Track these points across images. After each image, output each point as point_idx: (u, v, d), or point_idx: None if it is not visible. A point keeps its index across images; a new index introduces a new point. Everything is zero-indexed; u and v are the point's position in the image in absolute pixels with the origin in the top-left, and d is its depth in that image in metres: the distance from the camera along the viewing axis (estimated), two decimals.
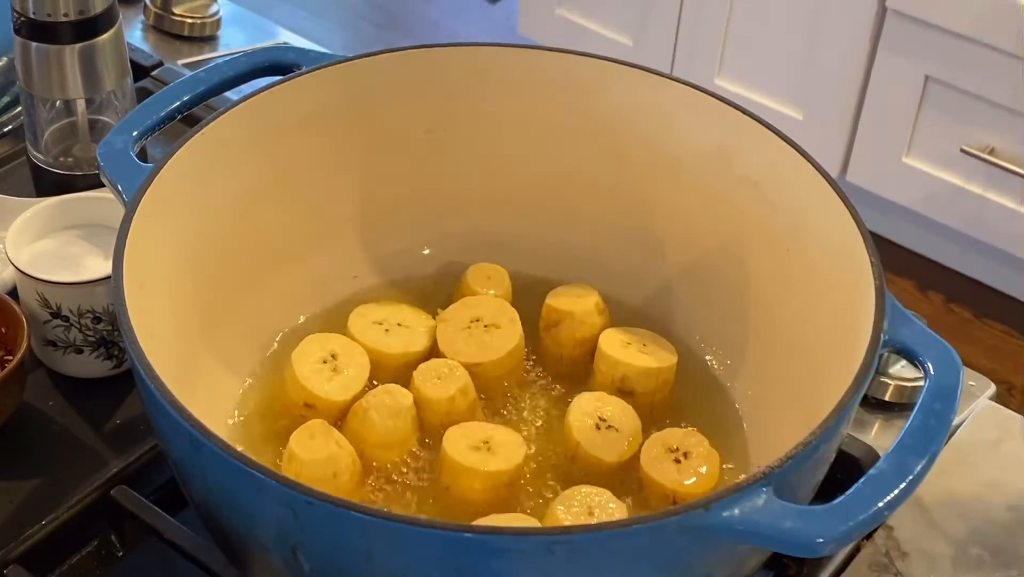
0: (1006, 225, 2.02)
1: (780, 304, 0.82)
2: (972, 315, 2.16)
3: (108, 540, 0.81)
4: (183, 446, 0.65)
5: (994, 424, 0.90)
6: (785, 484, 0.62)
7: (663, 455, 0.77)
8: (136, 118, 0.80)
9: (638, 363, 0.81)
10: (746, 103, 0.94)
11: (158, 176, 0.75)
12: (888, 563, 0.81)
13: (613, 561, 0.60)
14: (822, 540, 0.60)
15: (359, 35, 2.78)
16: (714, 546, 0.62)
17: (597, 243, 0.88)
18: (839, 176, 2.14)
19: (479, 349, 0.82)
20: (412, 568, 0.61)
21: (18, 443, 0.83)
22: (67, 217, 0.88)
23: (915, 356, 0.69)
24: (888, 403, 0.89)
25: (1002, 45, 1.89)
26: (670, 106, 0.85)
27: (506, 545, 0.60)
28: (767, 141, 0.80)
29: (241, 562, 0.71)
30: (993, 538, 0.82)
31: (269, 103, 0.82)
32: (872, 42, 2.03)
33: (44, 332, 0.85)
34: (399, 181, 0.88)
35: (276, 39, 1.22)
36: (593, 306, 0.85)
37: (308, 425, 0.76)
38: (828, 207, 0.76)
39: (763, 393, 0.82)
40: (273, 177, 0.84)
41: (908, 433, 0.64)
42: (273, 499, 0.61)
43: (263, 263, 0.85)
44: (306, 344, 0.81)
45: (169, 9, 1.21)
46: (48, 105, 0.96)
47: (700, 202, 0.85)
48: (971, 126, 1.99)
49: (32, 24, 0.92)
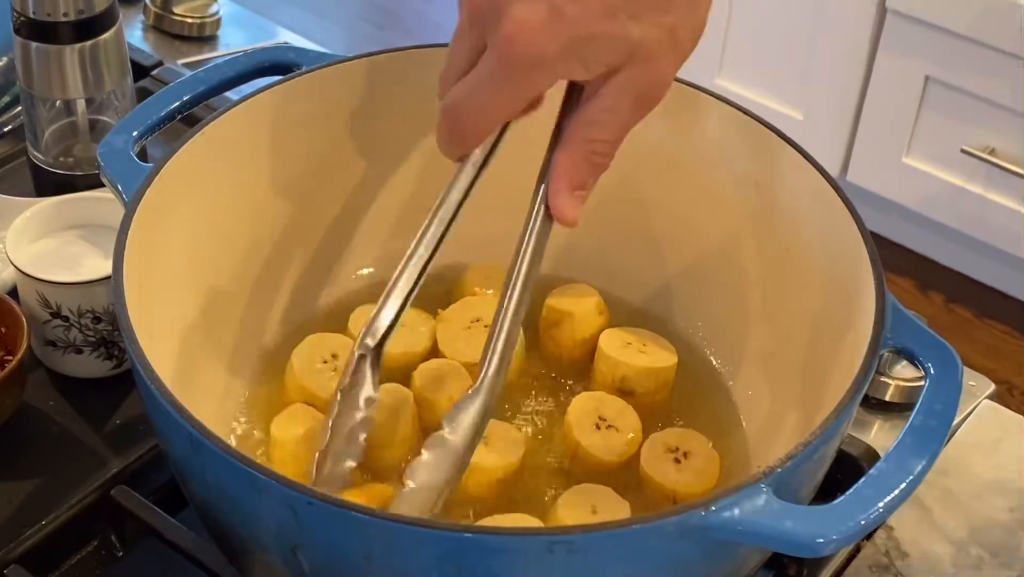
0: (1006, 225, 2.02)
1: (780, 304, 0.82)
2: (972, 315, 2.16)
3: (108, 540, 0.81)
4: (183, 446, 0.65)
5: (994, 424, 0.90)
6: (785, 484, 0.62)
7: (663, 455, 0.77)
8: (136, 118, 0.80)
9: (638, 363, 0.81)
10: (746, 103, 0.94)
11: (158, 176, 0.75)
12: (888, 563, 0.81)
13: (613, 561, 0.60)
14: (822, 540, 0.60)
15: (359, 35, 2.78)
16: (714, 546, 0.62)
17: (597, 243, 0.88)
18: (839, 176, 2.14)
19: (479, 349, 0.82)
20: (412, 568, 0.61)
21: (18, 443, 0.83)
22: (67, 217, 0.88)
23: (915, 356, 0.69)
24: (888, 403, 0.89)
25: (1002, 45, 1.89)
26: (670, 106, 0.84)
27: (506, 545, 0.60)
28: (767, 141, 0.80)
29: (241, 562, 0.71)
30: (993, 538, 0.82)
31: (269, 103, 0.82)
32: (872, 42, 2.03)
33: (44, 332, 0.85)
34: (399, 181, 0.88)
35: (276, 39, 1.22)
36: (593, 306, 0.85)
37: (289, 409, 0.76)
38: (828, 207, 0.76)
39: (763, 393, 0.82)
40: (273, 177, 0.84)
41: (908, 433, 0.64)
42: (273, 499, 0.61)
43: (263, 263, 0.85)
44: (306, 344, 0.81)
45: (169, 9, 1.21)
46: (48, 105, 0.96)
47: (700, 202, 0.85)
48: (971, 126, 1.99)
49: (32, 24, 0.92)
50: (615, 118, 0.65)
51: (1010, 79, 1.91)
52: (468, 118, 0.66)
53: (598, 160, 0.67)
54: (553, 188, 0.67)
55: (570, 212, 0.67)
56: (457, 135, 0.67)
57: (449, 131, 0.67)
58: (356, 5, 2.89)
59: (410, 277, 0.71)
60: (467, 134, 0.68)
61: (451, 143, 0.68)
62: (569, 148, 0.67)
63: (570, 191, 0.67)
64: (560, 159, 0.67)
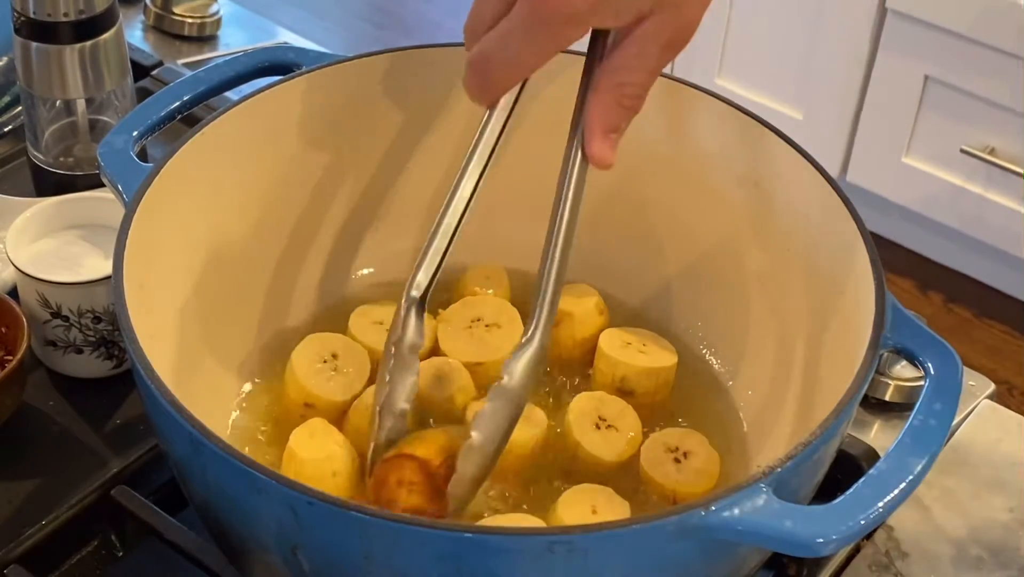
0: (1006, 225, 2.02)
1: (780, 304, 0.82)
2: (972, 315, 2.16)
3: (108, 540, 0.81)
4: (183, 446, 0.65)
5: (994, 424, 0.90)
6: (785, 484, 0.62)
7: (663, 455, 0.77)
8: (136, 118, 0.80)
9: (638, 363, 0.82)
10: (746, 103, 0.94)
11: (158, 176, 0.75)
12: (888, 563, 0.81)
13: (613, 561, 0.60)
14: (822, 540, 0.60)
15: (359, 35, 2.78)
16: (714, 546, 0.62)
17: (597, 243, 0.88)
18: (839, 176, 2.14)
19: (480, 349, 0.82)
20: (412, 568, 0.61)
21: (18, 443, 0.83)
22: (67, 217, 0.88)
23: (915, 356, 0.69)
24: (888, 403, 0.89)
25: (1002, 45, 1.89)
26: (670, 106, 0.84)
27: (506, 545, 0.60)
28: (767, 141, 0.80)
29: (241, 562, 0.71)
30: (993, 538, 0.82)
31: (269, 103, 0.82)
32: (872, 42, 2.03)
33: (44, 332, 0.85)
34: (399, 181, 0.88)
35: (276, 39, 1.22)
36: (593, 306, 0.85)
37: (308, 424, 0.76)
38: (828, 207, 0.76)
39: (763, 393, 0.82)
40: (273, 177, 0.84)
41: (908, 433, 0.64)
42: (273, 499, 0.61)
43: (263, 263, 0.85)
44: (306, 344, 0.81)
45: (169, 9, 1.21)
46: (48, 105, 0.96)
47: (700, 202, 0.85)
48: (971, 126, 1.99)
49: (32, 24, 0.92)
50: (645, 63, 0.67)
51: (1010, 79, 1.91)
52: (499, 69, 0.68)
53: (629, 103, 0.68)
54: (588, 133, 0.69)
55: (606, 155, 0.69)
56: (489, 85, 0.70)
57: (480, 81, 0.69)
58: (356, 5, 2.89)
59: (447, 228, 0.73)
60: (498, 84, 0.70)
61: (482, 92, 0.70)
62: (601, 94, 0.68)
63: (604, 135, 0.69)
64: (593, 105, 0.69)
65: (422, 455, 0.71)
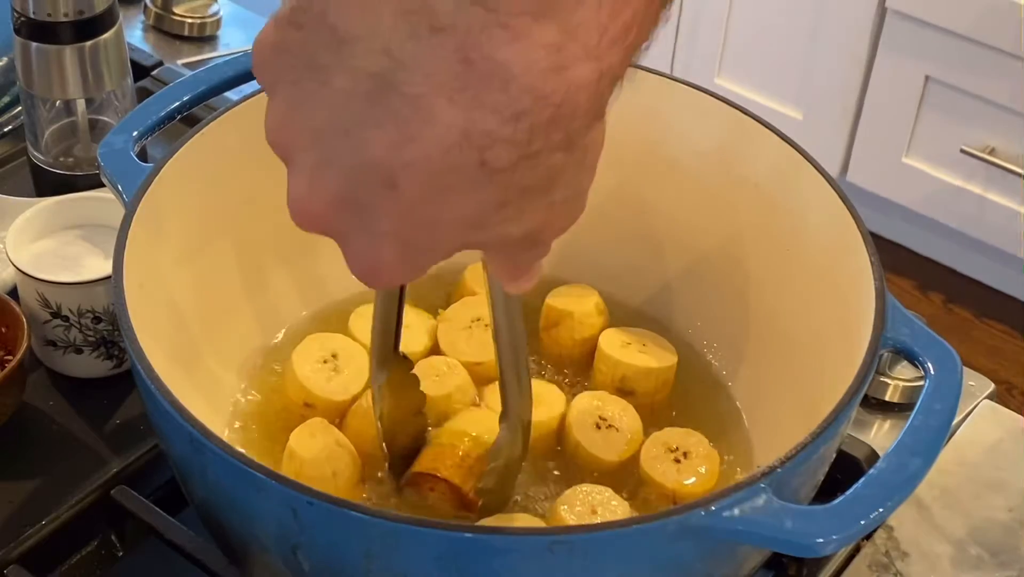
0: (1006, 225, 2.02)
1: (780, 304, 0.82)
2: (972, 315, 2.16)
3: (108, 540, 0.81)
4: (183, 446, 0.65)
5: (994, 424, 0.90)
6: (785, 484, 0.62)
7: (663, 455, 0.77)
8: (136, 118, 0.80)
9: (638, 363, 0.82)
10: (746, 103, 0.94)
11: (158, 176, 0.75)
12: (888, 563, 0.81)
13: (613, 561, 0.60)
14: (822, 540, 0.60)
15: None
16: (714, 546, 0.62)
17: (597, 243, 0.88)
18: (839, 176, 2.14)
19: (480, 348, 0.82)
20: (412, 568, 0.61)
21: (18, 443, 0.83)
22: (67, 217, 0.88)
23: (915, 356, 0.69)
24: (888, 403, 0.89)
25: (1002, 45, 1.90)
26: (670, 106, 0.84)
27: (506, 545, 0.60)
28: (767, 141, 0.80)
29: (241, 562, 0.71)
30: (993, 538, 0.83)
31: None
32: (872, 42, 2.03)
33: (44, 332, 0.85)
34: None
35: None
36: (593, 306, 0.85)
37: (309, 423, 0.76)
38: (828, 207, 0.76)
39: (763, 393, 0.82)
40: (273, 177, 0.83)
41: (908, 433, 0.64)
42: (273, 499, 0.61)
43: (263, 263, 0.85)
44: (306, 344, 0.81)
45: (169, 9, 1.21)
46: (48, 105, 0.96)
47: (700, 202, 0.85)
48: (971, 126, 1.99)
49: (32, 24, 0.92)
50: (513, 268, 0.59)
51: (1010, 79, 1.91)
52: None
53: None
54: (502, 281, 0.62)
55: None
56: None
57: None
58: None
59: None
60: None
61: None
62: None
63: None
64: (492, 268, 0.62)
65: (458, 482, 0.74)
